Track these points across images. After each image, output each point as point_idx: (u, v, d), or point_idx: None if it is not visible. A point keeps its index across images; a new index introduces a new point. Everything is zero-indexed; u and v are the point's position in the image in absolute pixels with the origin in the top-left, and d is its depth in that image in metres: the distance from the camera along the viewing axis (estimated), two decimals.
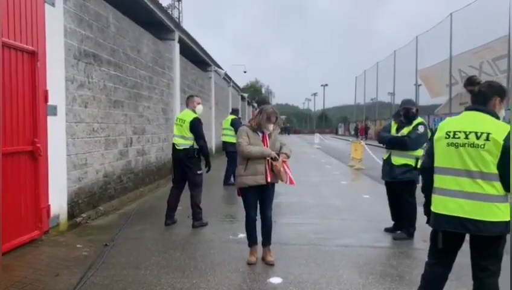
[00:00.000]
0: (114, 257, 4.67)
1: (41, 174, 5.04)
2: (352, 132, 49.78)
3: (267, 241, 4.65)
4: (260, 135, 4.56)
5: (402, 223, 5.73)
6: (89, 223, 6.21)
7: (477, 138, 2.75)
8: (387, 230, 5.97)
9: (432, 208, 3.02)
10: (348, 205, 8.03)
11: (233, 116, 10.56)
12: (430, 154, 3.07)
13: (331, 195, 9.22)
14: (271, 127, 4.52)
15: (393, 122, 5.92)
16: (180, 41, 12.40)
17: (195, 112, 6.29)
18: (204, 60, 17.39)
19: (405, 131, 5.56)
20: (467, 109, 2.97)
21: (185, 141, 6.11)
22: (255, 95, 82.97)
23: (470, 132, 2.79)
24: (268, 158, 4.42)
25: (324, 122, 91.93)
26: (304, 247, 5.20)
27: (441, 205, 2.92)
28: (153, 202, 7.98)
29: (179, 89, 11.98)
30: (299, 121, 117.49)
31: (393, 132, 5.83)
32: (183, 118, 6.18)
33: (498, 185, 2.72)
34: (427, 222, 3.11)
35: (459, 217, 2.80)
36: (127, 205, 7.72)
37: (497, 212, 2.72)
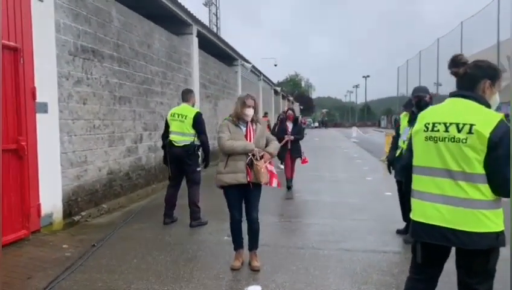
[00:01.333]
0: (96, 259, 4.49)
1: (29, 173, 4.95)
2: (394, 125, 47.97)
3: (253, 245, 4.28)
4: (243, 129, 4.20)
5: None
6: (88, 222, 6.12)
7: (459, 130, 2.25)
8: (399, 232, 5.44)
9: (411, 215, 2.55)
10: (365, 204, 7.49)
11: None
12: (410, 150, 2.60)
13: (351, 192, 8.68)
14: (250, 111, 4.13)
15: (403, 115, 5.34)
16: (200, 35, 12.18)
17: (193, 107, 6.06)
18: (230, 54, 17.13)
19: None
20: (451, 94, 2.46)
21: (184, 137, 5.86)
22: (295, 88, 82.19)
23: (451, 124, 2.29)
24: (249, 155, 4.06)
25: (366, 114, 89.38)
26: (300, 251, 4.79)
27: (419, 211, 2.46)
28: (163, 199, 7.80)
29: (198, 84, 11.77)
30: (341, 114, 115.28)
31: (404, 124, 5.25)
32: (183, 113, 5.91)
33: (485, 188, 2.21)
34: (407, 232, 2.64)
35: (439, 227, 2.32)
36: (136, 202, 7.62)
37: (484, 221, 2.22)
